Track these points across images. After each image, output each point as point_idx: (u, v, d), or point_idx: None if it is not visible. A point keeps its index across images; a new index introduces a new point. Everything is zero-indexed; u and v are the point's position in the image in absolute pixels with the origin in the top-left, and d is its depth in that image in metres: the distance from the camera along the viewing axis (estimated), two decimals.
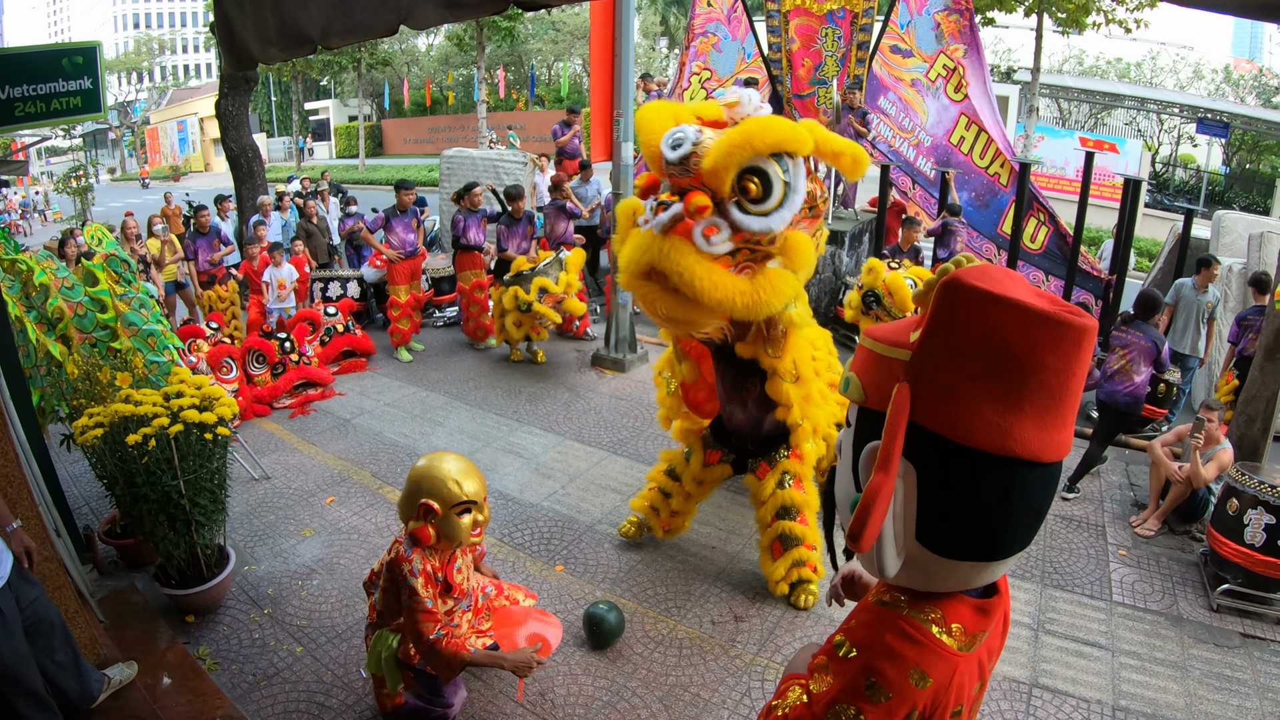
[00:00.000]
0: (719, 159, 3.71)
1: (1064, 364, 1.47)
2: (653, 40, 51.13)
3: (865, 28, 12.27)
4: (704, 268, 3.80)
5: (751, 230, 3.90)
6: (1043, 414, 1.49)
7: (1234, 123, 32.66)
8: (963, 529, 1.59)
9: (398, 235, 10.12)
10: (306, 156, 50.11)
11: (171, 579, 4.95)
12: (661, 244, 3.82)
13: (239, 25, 4.16)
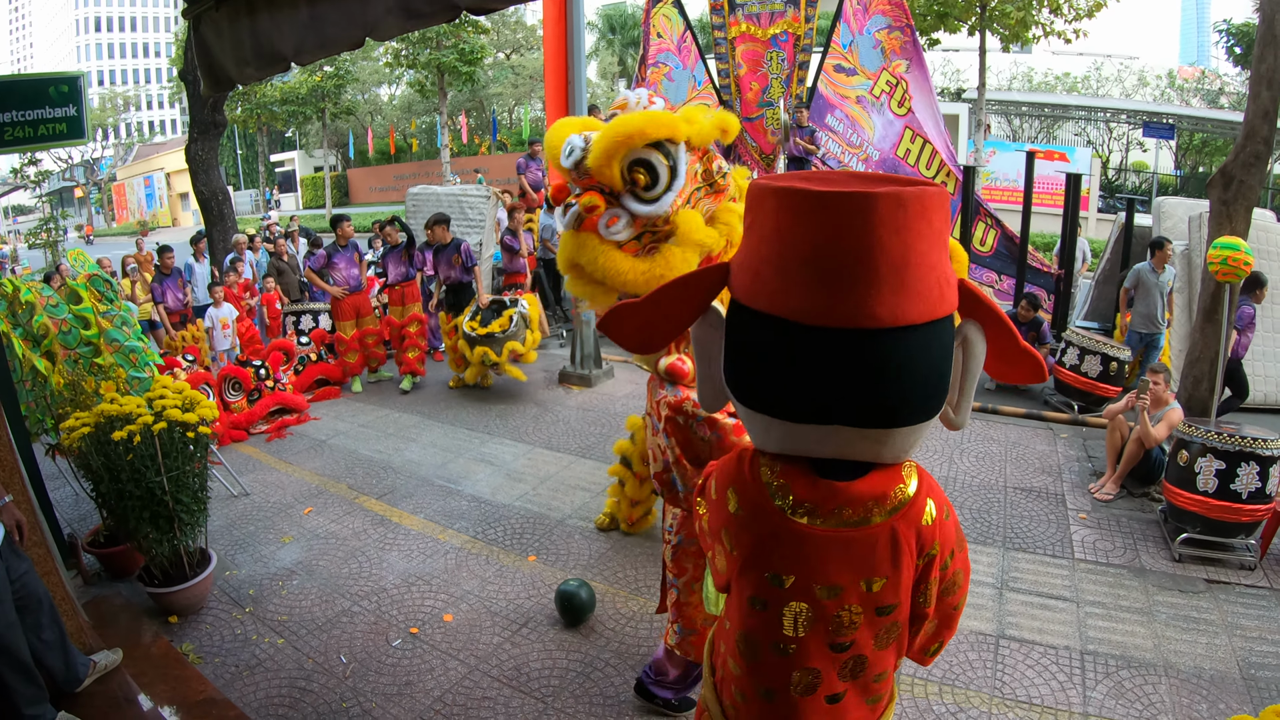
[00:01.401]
0: (598, 157, 4.15)
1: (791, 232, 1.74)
2: (611, 81, 51.69)
3: (807, 49, 12.73)
4: (606, 255, 4.24)
5: (644, 215, 4.30)
6: (798, 282, 1.73)
7: (1180, 124, 33.44)
8: (747, 380, 1.86)
9: (340, 271, 10.26)
10: (273, 208, 50.18)
11: (155, 578, 5.14)
12: (574, 240, 4.27)
13: (216, 48, 4.42)
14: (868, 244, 1.68)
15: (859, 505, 1.91)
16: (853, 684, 2.07)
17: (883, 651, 2.05)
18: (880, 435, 1.85)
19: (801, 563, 1.95)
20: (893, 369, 1.76)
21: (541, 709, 4.26)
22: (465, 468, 7.51)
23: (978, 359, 1.88)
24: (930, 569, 2.00)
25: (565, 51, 9.13)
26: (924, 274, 1.73)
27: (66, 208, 65.28)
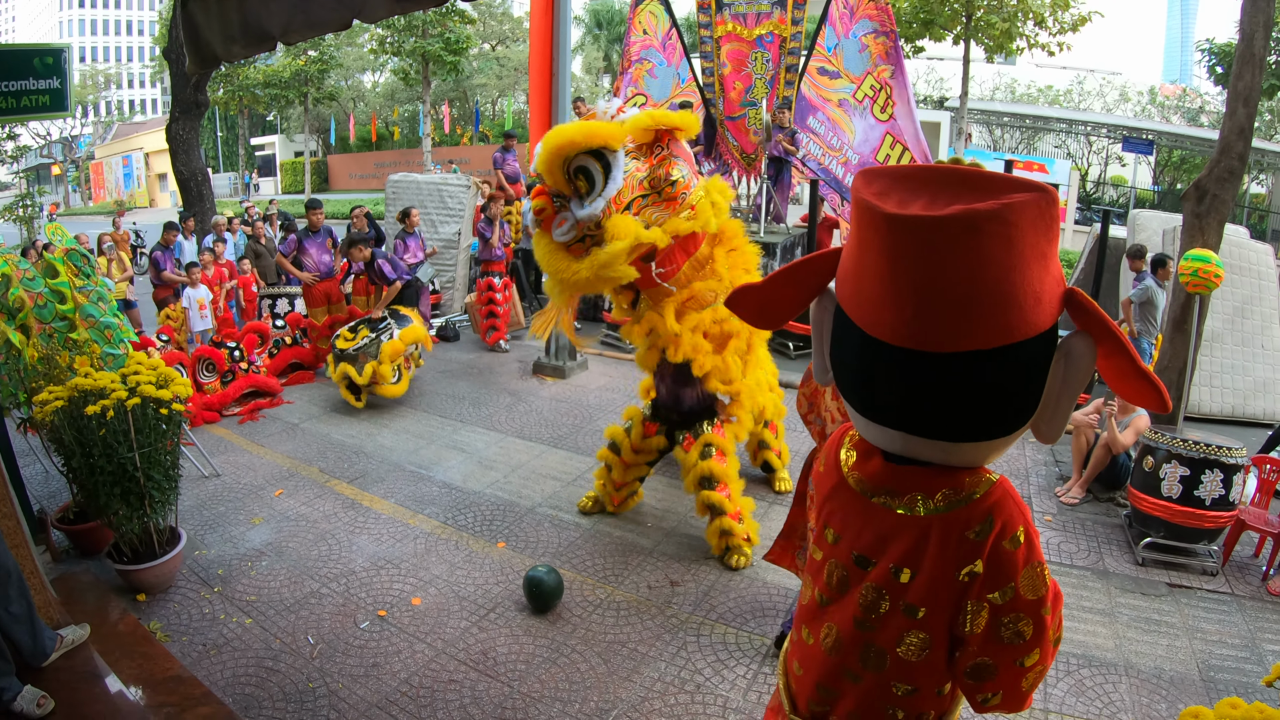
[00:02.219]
0: (540, 164, 4.74)
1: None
2: (595, 76, 51.68)
3: (793, 51, 12.79)
4: (552, 254, 4.90)
5: (580, 218, 4.83)
6: (868, 295, 1.77)
7: (1160, 141, 33.76)
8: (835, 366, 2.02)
9: (311, 257, 10.26)
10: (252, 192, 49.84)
11: (124, 556, 5.13)
12: (535, 239, 4.97)
13: (203, 24, 4.42)
14: (932, 272, 1.64)
15: (907, 492, 1.96)
16: (875, 676, 2.09)
17: (910, 663, 2.04)
18: (945, 446, 1.88)
19: (847, 523, 2.08)
20: (952, 390, 1.76)
21: (507, 693, 4.29)
22: (437, 454, 7.53)
23: (1080, 373, 1.80)
24: (973, 590, 1.94)
25: (550, 45, 9.15)
26: (999, 298, 1.66)
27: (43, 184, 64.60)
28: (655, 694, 4.30)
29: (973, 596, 1.94)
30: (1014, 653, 1.98)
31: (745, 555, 5.69)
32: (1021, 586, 1.91)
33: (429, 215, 13.27)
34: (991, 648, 1.98)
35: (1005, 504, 1.93)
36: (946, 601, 1.97)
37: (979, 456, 1.92)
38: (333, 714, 4.14)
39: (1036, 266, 1.67)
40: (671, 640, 4.79)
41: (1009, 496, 1.94)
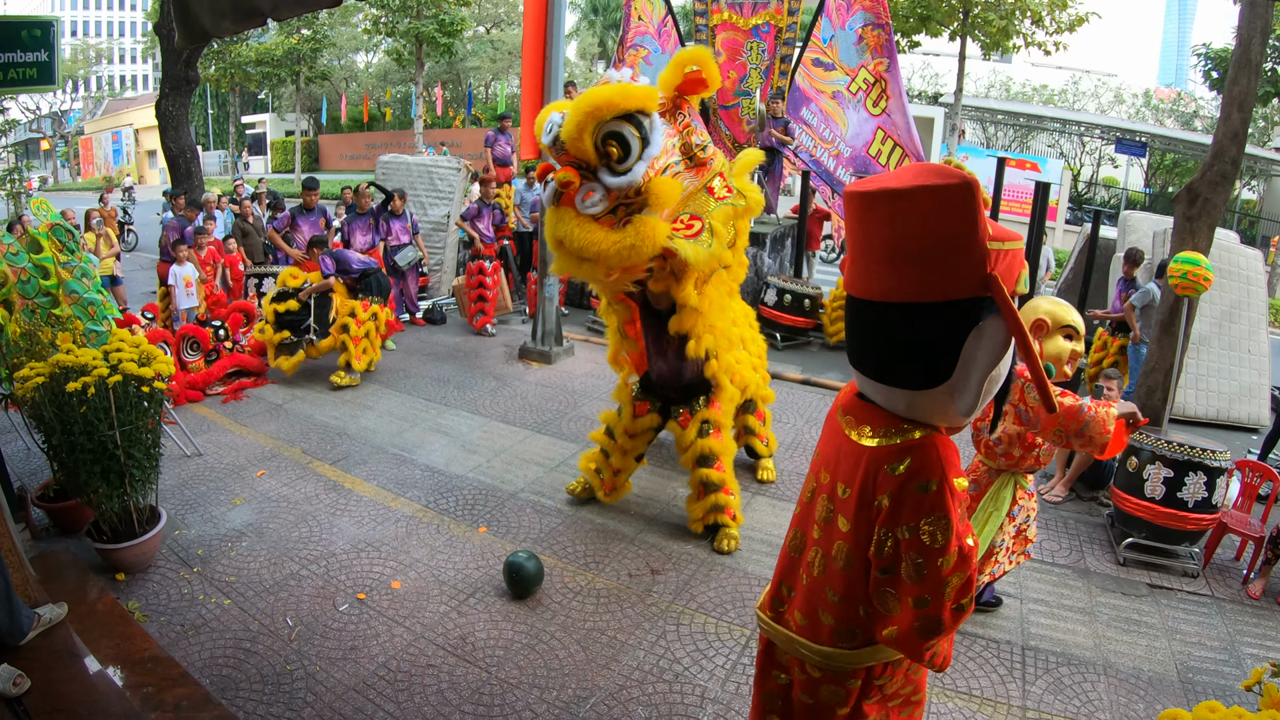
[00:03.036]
0: (570, 130, 4.40)
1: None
2: (590, 61, 51.50)
3: (789, 41, 12.75)
4: (582, 228, 4.50)
5: (617, 187, 4.55)
6: (848, 256, 2.42)
7: (1153, 144, 33.90)
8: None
9: (304, 234, 10.25)
10: (242, 171, 49.56)
11: (104, 534, 5.09)
12: (554, 215, 4.55)
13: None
14: (865, 233, 2.26)
15: (860, 423, 2.42)
16: (816, 579, 2.57)
17: (838, 572, 2.48)
18: (878, 387, 2.36)
19: (824, 443, 2.64)
20: (874, 333, 2.30)
21: (485, 679, 4.28)
22: (420, 437, 7.51)
23: (989, 352, 2.17)
24: (880, 518, 2.32)
25: (544, 29, 9.10)
26: (908, 261, 2.16)
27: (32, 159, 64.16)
28: (633, 682, 4.30)
29: (879, 523, 2.32)
30: (909, 590, 2.30)
31: (734, 538, 5.75)
32: (922, 530, 2.25)
33: (418, 197, 13.20)
34: (891, 579, 2.34)
35: (926, 453, 2.28)
36: (864, 523, 2.38)
37: (908, 407, 2.32)
38: (310, 696, 4.13)
39: (948, 244, 2.11)
40: (651, 629, 4.79)
41: (934, 450, 2.28)
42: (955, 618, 2.33)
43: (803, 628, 2.64)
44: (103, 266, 11.68)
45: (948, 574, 2.26)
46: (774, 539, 5.88)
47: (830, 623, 2.55)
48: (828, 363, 10.79)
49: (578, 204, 4.54)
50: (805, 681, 2.68)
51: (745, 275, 6.11)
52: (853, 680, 2.60)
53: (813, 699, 2.69)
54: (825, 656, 2.57)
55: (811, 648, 2.60)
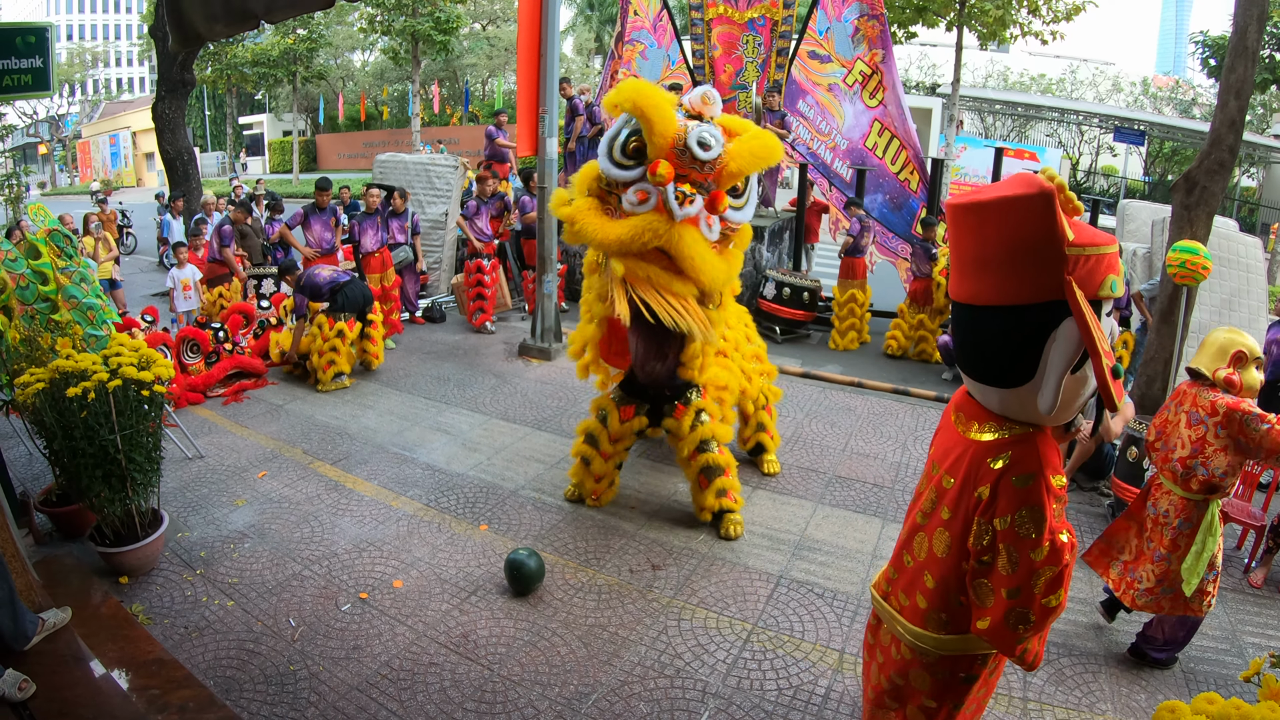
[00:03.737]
0: (744, 167, 4.72)
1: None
2: (587, 57, 51.47)
3: (785, 35, 12.75)
4: (709, 253, 4.75)
5: (734, 222, 4.92)
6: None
7: (1151, 132, 33.84)
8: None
9: (315, 233, 10.30)
10: (240, 172, 49.52)
11: (106, 538, 5.11)
12: (676, 230, 4.63)
13: (185, 2, 4.37)
14: (958, 241, 2.57)
15: (969, 420, 2.74)
16: (917, 564, 2.88)
17: (938, 558, 2.77)
18: (972, 385, 2.70)
19: (937, 439, 2.99)
20: (968, 333, 2.62)
21: (487, 676, 4.30)
22: (421, 436, 7.52)
23: (1060, 353, 2.38)
24: (980, 508, 2.58)
25: (538, 25, 9.10)
26: (992, 267, 2.43)
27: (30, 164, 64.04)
28: (635, 678, 4.31)
29: (979, 514, 2.57)
30: (1002, 580, 2.52)
31: (739, 523, 5.83)
32: (1017, 521, 2.47)
33: (416, 195, 13.20)
34: (986, 569, 2.58)
35: (1026, 449, 2.54)
36: (964, 513, 2.65)
37: (1000, 403, 2.60)
38: (313, 696, 4.14)
39: (1027, 251, 2.34)
40: (652, 624, 4.80)
41: (1034, 446, 2.54)
42: (1044, 613, 2.49)
43: (903, 608, 2.94)
44: (102, 270, 11.70)
45: (1039, 566, 2.45)
46: (775, 533, 5.90)
47: (924, 606, 2.83)
48: (828, 356, 10.81)
49: (703, 226, 4.75)
50: (899, 662, 2.99)
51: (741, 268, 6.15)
52: (939, 669, 2.87)
53: (903, 680, 3.00)
54: (916, 637, 2.86)
55: (907, 627, 2.89)
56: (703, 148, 4.60)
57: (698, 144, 4.59)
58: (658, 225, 4.62)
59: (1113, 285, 2.40)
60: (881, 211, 12.73)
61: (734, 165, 4.67)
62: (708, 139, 4.62)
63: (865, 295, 11.20)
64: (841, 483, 6.80)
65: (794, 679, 4.37)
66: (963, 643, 2.79)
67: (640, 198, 4.70)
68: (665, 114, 4.62)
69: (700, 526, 5.96)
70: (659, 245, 4.65)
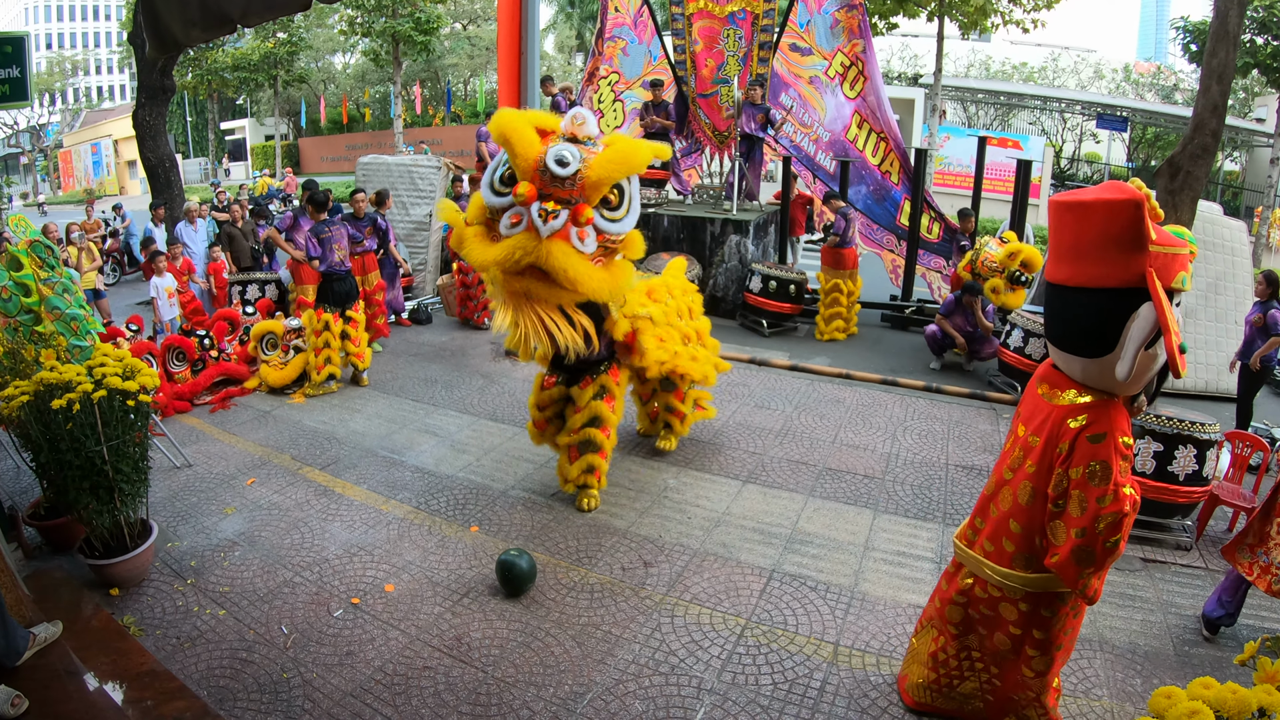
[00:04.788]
0: (601, 178, 4.77)
1: None
2: (568, 55, 51.38)
3: (766, 29, 12.74)
4: (583, 265, 4.86)
5: (611, 233, 5.03)
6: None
7: (1134, 118, 33.95)
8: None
9: (304, 235, 10.22)
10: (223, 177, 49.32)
11: (96, 550, 5.08)
12: (545, 246, 4.75)
13: (163, 9, 4.36)
14: (1059, 231, 3.14)
15: (1054, 388, 3.29)
16: (1002, 513, 3.43)
17: (1022, 506, 3.34)
18: (1060, 354, 3.25)
19: (1023, 406, 3.53)
20: (1062, 310, 3.16)
21: (481, 678, 4.29)
22: (410, 439, 7.50)
23: (1138, 329, 2.91)
24: (1060, 460, 3.14)
25: (518, 23, 9.07)
26: (1086, 256, 2.98)
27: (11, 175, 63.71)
28: (630, 676, 4.31)
29: (1058, 465, 3.14)
30: (1073, 521, 3.09)
31: (595, 498, 6.23)
32: (1089, 472, 3.05)
33: (400, 197, 13.14)
34: (1061, 512, 3.16)
35: (1100, 412, 3.10)
36: (1045, 465, 3.22)
37: (1081, 371, 3.16)
38: (307, 704, 4.13)
39: (1117, 245, 2.90)
40: (645, 622, 4.80)
41: (1107, 411, 3.10)
42: (1106, 553, 3.05)
43: (989, 553, 3.50)
44: (84, 280, 11.64)
45: (1104, 511, 3.00)
46: (766, 526, 5.91)
47: (1011, 549, 3.39)
48: (815, 348, 10.80)
49: (574, 239, 4.81)
50: (985, 599, 3.58)
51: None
52: (1023, 603, 3.44)
53: (991, 611, 3.59)
54: (1004, 577, 3.43)
55: (995, 569, 3.46)
56: (560, 165, 4.71)
57: (555, 162, 4.71)
58: (527, 244, 4.77)
59: (1184, 280, 2.99)
60: (866, 203, 12.75)
61: (594, 175, 4.76)
62: (565, 156, 4.71)
63: (854, 286, 11.18)
64: (832, 475, 6.80)
65: (789, 672, 4.37)
66: (1044, 581, 3.34)
67: (514, 220, 4.84)
68: (525, 137, 4.75)
69: (691, 523, 5.97)
70: (530, 262, 4.79)
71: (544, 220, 4.72)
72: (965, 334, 9.78)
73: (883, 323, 12.36)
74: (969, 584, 3.68)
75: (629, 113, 14.61)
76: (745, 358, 9.96)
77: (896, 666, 4.44)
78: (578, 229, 4.81)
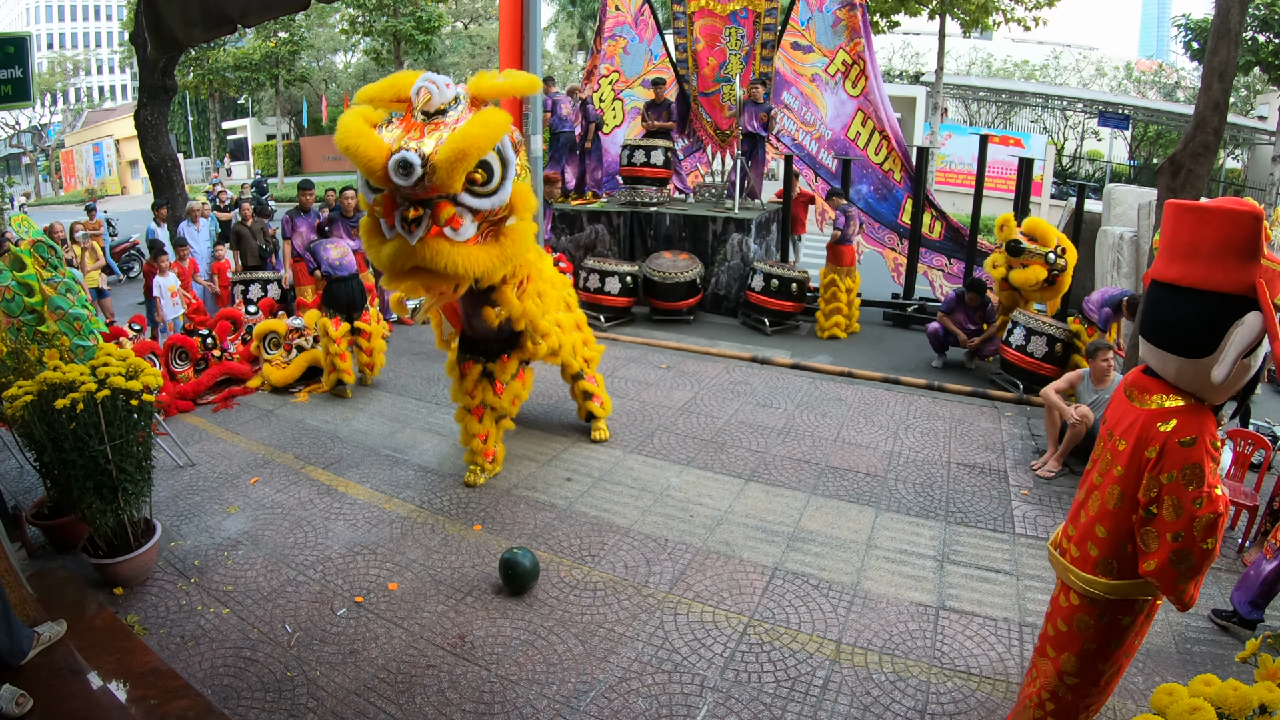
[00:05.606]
0: (450, 172, 4.63)
1: None
2: (570, 53, 51.36)
3: (768, 27, 12.74)
4: (461, 255, 4.87)
5: (487, 209, 5.00)
6: None
7: (1135, 116, 33.88)
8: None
9: (302, 235, 10.23)
10: (225, 177, 49.33)
11: (99, 549, 5.09)
12: (421, 249, 4.79)
13: (164, 9, 4.37)
14: (1173, 233, 3.11)
15: (1143, 393, 3.23)
16: (1090, 517, 3.37)
17: (1109, 510, 3.26)
18: (1157, 353, 3.16)
19: (1112, 412, 3.44)
20: (1167, 308, 3.11)
21: (485, 676, 4.30)
22: (412, 437, 7.52)
23: (1241, 336, 2.89)
24: (1149, 465, 3.08)
25: (520, 23, 9.07)
26: (1201, 258, 2.96)
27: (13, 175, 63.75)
28: (633, 674, 4.32)
29: (1148, 470, 3.08)
30: (1166, 526, 3.02)
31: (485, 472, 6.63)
32: (1182, 476, 2.99)
33: None
34: (1153, 519, 3.08)
35: (1190, 416, 3.06)
36: (1135, 469, 3.15)
37: (1176, 372, 3.11)
38: (311, 702, 4.14)
39: (1232, 252, 2.90)
40: (648, 620, 4.81)
41: (1196, 415, 3.06)
42: (1203, 555, 2.98)
43: (1075, 559, 3.43)
44: (88, 280, 11.65)
45: (1199, 514, 2.94)
46: (768, 524, 5.92)
47: (1095, 554, 3.32)
48: (817, 347, 10.80)
49: (449, 234, 4.81)
50: (1066, 609, 3.49)
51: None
52: (1103, 614, 3.36)
53: (1066, 626, 3.49)
54: (1087, 583, 3.35)
55: (1079, 574, 3.38)
56: (402, 173, 4.59)
57: (396, 173, 4.60)
58: (405, 248, 4.82)
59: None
60: (867, 202, 12.76)
61: (444, 171, 4.60)
62: (407, 160, 4.57)
63: (853, 282, 11.18)
64: (834, 473, 6.81)
65: (791, 670, 4.38)
66: (1127, 588, 3.27)
67: (389, 223, 4.89)
68: (365, 148, 4.63)
69: (694, 521, 5.97)
70: (414, 265, 4.86)
71: (409, 231, 4.75)
72: (967, 331, 9.78)
73: (885, 321, 12.35)
74: (1056, 594, 3.64)
75: (629, 111, 14.63)
76: (747, 356, 9.97)
77: (898, 664, 4.45)
78: (452, 223, 4.82)
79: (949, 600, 5.05)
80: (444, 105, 4.90)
